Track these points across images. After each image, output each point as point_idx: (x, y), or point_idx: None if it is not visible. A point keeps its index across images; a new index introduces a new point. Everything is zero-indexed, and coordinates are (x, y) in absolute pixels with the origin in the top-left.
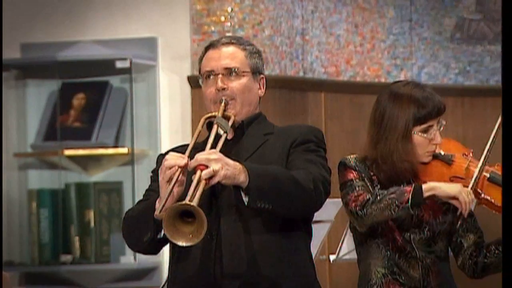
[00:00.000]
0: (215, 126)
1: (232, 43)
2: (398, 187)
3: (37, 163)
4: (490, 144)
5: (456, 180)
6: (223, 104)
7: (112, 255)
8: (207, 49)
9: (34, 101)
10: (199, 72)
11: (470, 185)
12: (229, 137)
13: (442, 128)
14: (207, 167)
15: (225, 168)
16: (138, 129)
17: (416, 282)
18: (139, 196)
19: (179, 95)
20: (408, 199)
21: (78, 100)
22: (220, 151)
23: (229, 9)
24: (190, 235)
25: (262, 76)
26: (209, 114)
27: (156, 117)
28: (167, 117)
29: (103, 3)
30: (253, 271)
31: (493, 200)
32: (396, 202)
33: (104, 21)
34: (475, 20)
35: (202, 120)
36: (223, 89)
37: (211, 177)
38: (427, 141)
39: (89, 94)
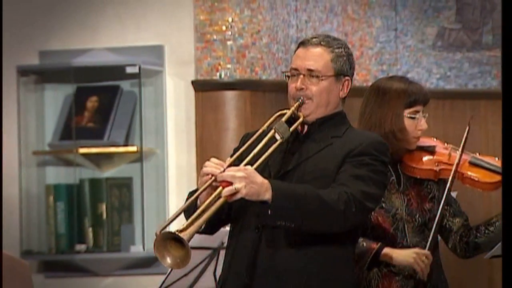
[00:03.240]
0: (272, 131)
1: (321, 45)
2: (367, 240)
3: (54, 160)
4: (465, 141)
5: (440, 164)
6: (297, 103)
7: (122, 245)
8: (298, 45)
9: (51, 104)
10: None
11: (455, 165)
12: (288, 134)
13: (425, 118)
14: (232, 183)
15: (248, 187)
16: (146, 129)
17: (409, 269)
18: (147, 191)
19: (184, 98)
20: (367, 262)
21: (92, 102)
22: (285, 149)
23: (230, 19)
24: (178, 260)
25: (346, 78)
26: (280, 112)
27: (163, 118)
28: (173, 118)
29: (115, 13)
30: (287, 268)
31: (476, 178)
32: (359, 257)
33: (115, 30)
34: (455, 29)
35: (275, 115)
36: (302, 89)
37: (232, 194)
38: (414, 125)
39: (102, 97)
